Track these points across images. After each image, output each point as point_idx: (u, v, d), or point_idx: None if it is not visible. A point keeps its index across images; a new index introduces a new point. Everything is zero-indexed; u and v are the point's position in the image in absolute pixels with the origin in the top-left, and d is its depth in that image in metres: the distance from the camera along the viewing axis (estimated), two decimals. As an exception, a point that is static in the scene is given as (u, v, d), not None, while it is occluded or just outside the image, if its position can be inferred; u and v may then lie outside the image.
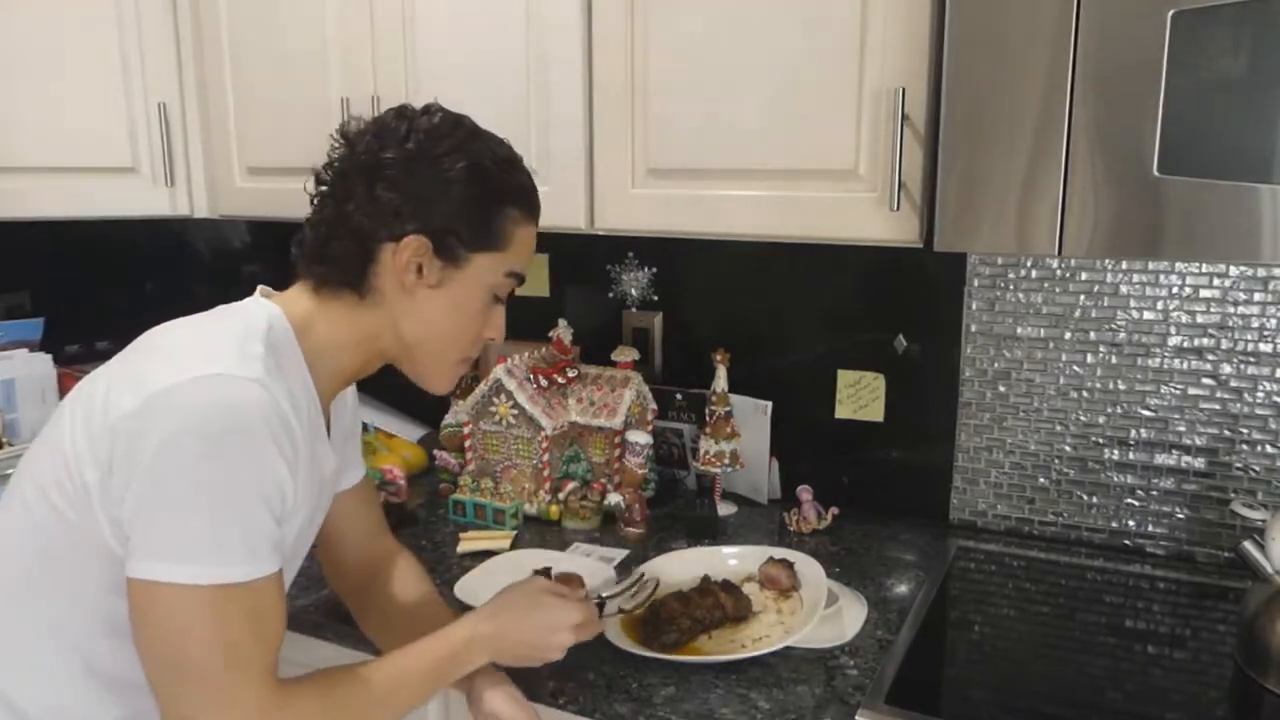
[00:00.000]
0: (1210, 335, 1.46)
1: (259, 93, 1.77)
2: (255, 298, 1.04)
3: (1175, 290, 1.48)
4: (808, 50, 1.30)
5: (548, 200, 1.14)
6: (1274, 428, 1.45)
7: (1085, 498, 1.58)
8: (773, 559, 1.39)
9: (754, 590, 1.37)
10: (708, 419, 1.71)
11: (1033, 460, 1.61)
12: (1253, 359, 1.45)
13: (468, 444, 1.79)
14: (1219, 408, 1.48)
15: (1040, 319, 1.57)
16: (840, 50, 1.28)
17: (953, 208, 1.17)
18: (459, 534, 1.63)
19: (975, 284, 1.60)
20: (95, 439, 0.90)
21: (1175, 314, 1.48)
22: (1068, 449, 1.58)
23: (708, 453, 1.70)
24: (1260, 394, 1.45)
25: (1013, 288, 1.58)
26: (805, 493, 1.68)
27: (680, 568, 1.43)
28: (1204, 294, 1.46)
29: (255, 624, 0.88)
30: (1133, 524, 1.56)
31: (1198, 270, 1.45)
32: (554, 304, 1.96)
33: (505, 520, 1.67)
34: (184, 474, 0.85)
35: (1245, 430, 1.47)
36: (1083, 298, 1.53)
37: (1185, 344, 1.48)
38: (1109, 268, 1.51)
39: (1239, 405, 1.46)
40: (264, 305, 1.01)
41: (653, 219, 1.46)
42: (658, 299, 1.88)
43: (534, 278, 1.89)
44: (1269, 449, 1.46)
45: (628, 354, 1.78)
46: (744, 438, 1.72)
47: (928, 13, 1.22)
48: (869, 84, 1.28)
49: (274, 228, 2.05)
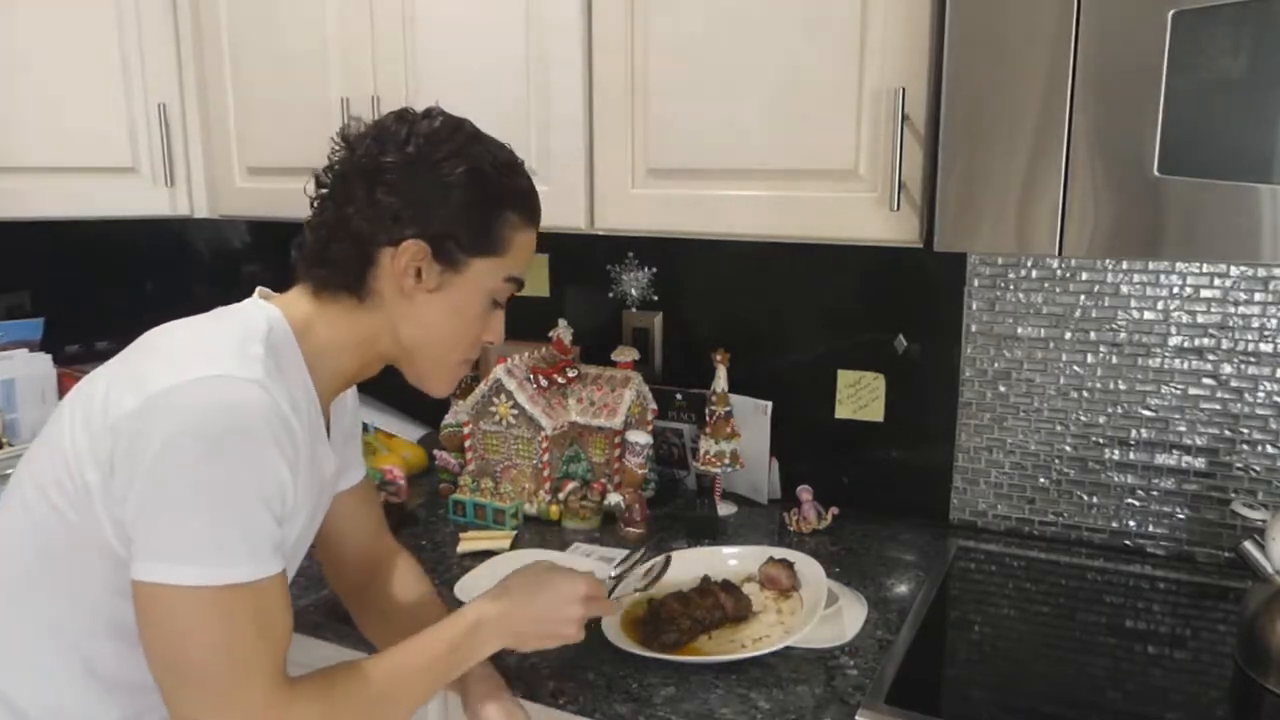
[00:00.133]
0: (1211, 335, 1.46)
1: (259, 93, 1.77)
2: (254, 299, 1.04)
3: (1176, 290, 1.48)
4: (808, 50, 1.30)
5: (548, 200, 1.14)
6: (1274, 428, 1.45)
7: (1085, 498, 1.58)
8: (773, 559, 1.39)
9: (754, 590, 1.37)
10: (708, 419, 1.71)
11: (1033, 460, 1.61)
12: (1253, 359, 1.45)
13: (468, 444, 1.79)
14: (1219, 408, 1.48)
15: (1040, 319, 1.57)
16: (840, 50, 1.28)
17: (953, 208, 1.16)
18: (459, 534, 1.63)
19: (975, 284, 1.60)
20: (96, 439, 0.90)
21: (1176, 314, 1.48)
22: (1068, 449, 1.58)
23: (708, 453, 1.70)
24: (1261, 394, 1.45)
25: (1013, 288, 1.57)
26: (805, 493, 1.68)
27: (680, 568, 1.43)
28: (1204, 294, 1.46)
29: (258, 624, 0.88)
30: (1133, 524, 1.56)
31: (1198, 270, 1.45)
32: (554, 304, 1.95)
33: (505, 520, 1.67)
34: (185, 475, 0.85)
35: (1246, 430, 1.46)
36: (1083, 298, 1.53)
37: (1186, 344, 1.48)
38: (1109, 268, 1.51)
39: (1239, 405, 1.46)
40: (263, 307, 1.01)
41: (653, 219, 1.46)
42: (658, 299, 1.88)
43: (534, 278, 1.89)
44: (1269, 449, 1.46)
45: (628, 354, 1.78)
46: (744, 438, 1.72)
47: (928, 13, 1.22)
48: (869, 84, 1.28)
49: (274, 228, 2.05)
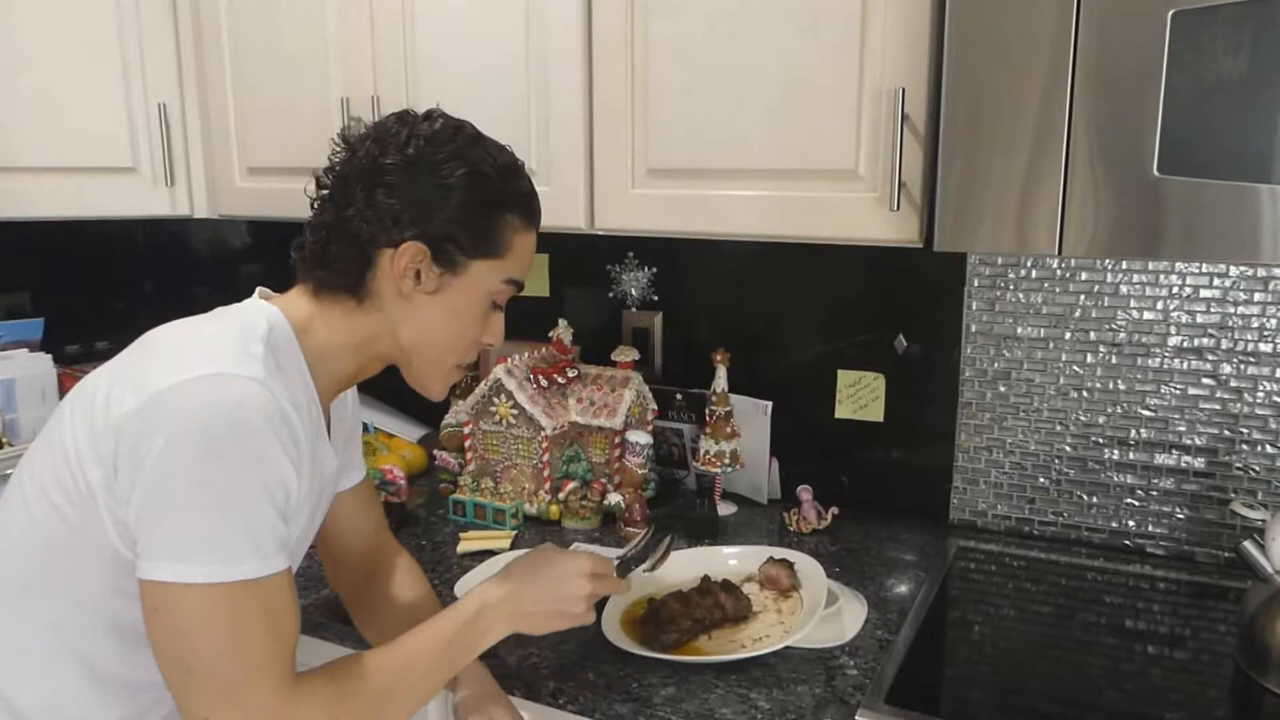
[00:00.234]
0: (1210, 335, 1.46)
1: (259, 93, 1.77)
2: (254, 299, 1.04)
3: (1175, 290, 1.48)
4: (807, 50, 1.30)
5: (548, 200, 1.14)
6: (1274, 427, 1.45)
7: (1085, 498, 1.58)
8: (773, 559, 1.39)
9: (754, 590, 1.37)
10: (708, 419, 1.72)
11: (1033, 460, 1.61)
12: (1253, 359, 1.45)
13: (468, 444, 1.79)
14: (1219, 408, 1.48)
15: (1040, 319, 1.57)
16: (840, 50, 1.28)
17: (953, 208, 1.17)
18: (459, 534, 1.63)
19: (975, 284, 1.60)
20: (98, 438, 0.90)
21: (1175, 314, 1.48)
22: (1068, 449, 1.58)
23: (708, 453, 1.70)
24: (1260, 394, 1.45)
25: (1013, 288, 1.58)
26: (805, 493, 1.68)
27: (680, 568, 1.43)
28: (1204, 294, 1.46)
29: (266, 621, 0.88)
30: (1133, 524, 1.56)
31: (1198, 270, 1.45)
32: (554, 304, 1.95)
33: (505, 520, 1.67)
34: (188, 473, 0.85)
35: (1245, 430, 1.47)
36: (1083, 298, 1.53)
37: (1185, 344, 1.48)
38: (1109, 268, 1.51)
39: (1239, 405, 1.46)
40: (264, 307, 1.01)
41: (653, 219, 1.46)
42: (658, 299, 1.88)
43: (534, 278, 1.89)
44: (1269, 449, 1.46)
45: (628, 354, 1.78)
46: (744, 438, 1.72)
47: (928, 13, 1.22)
48: (869, 84, 1.28)
49: (274, 228, 2.04)
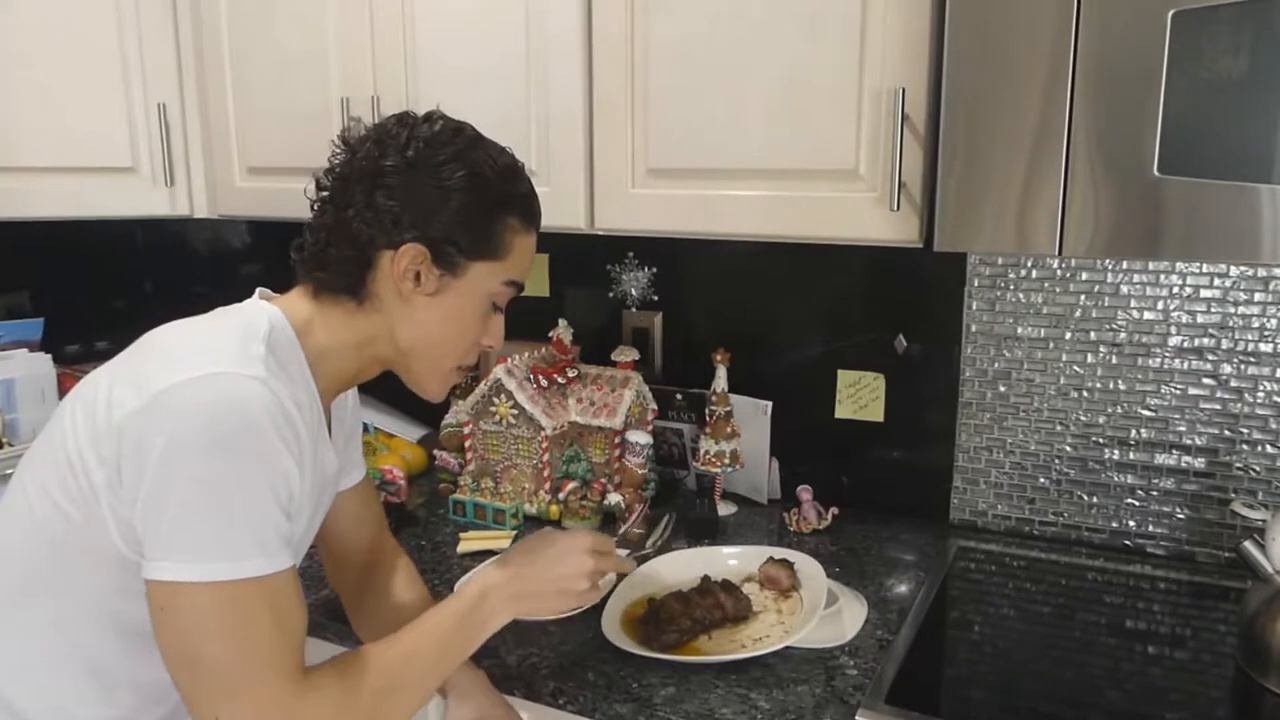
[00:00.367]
0: (1211, 335, 1.46)
1: (259, 93, 1.77)
2: (255, 300, 1.04)
3: (1176, 290, 1.48)
4: (807, 50, 1.30)
5: (548, 200, 1.14)
6: (1274, 428, 1.45)
7: (1085, 498, 1.58)
8: (773, 559, 1.40)
9: (754, 590, 1.37)
10: (708, 419, 1.72)
11: (1033, 460, 1.61)
12: (1253, 359, 1.45)
13: (468, 444, 1.79)
14: (1219, 408, 1.48)
15: (1040, 319, 1.57)
16: (840, 50, 1.28)
17: (953, 208, 1.16)
18: (459, 534, 1.63)
19: (975, 284, 1.60)
20: (100, 438, 0.89)
21: (1175, 314, 1.48)
22: (1068, 449, 1.58)
23: (708, 453, 1.70)
24: (1260, 394, 1.45)
25: (1013, 288, 1.57)
26: (805, 493, 1.68)
27: (680, 568, 1.43)
28: (1204, 294, 1.46)
29: (272, 618, 0.88)
30: (1133, 524, 1.56)
31: (1198, 270, 1.45)
32: (554, 304, 1.95)
33: (505, 520, 1.67)
34: (191, 472, 0.85)
35: (1245, 430, 1.46)
36: (1083, 298, 1.53)
37: (1185, 344, 1.48)
38: (1109, 268, 1.51)
39: (1239, 405, 1.46)
40: (264, 307, 1.01)
41: (653, 219, 1.46)
42: (658, 299, 1.88)
43: (534, 278, 1.89)
44: (1269, 449, 1.46)
45: (628, 354, 1.78)
46: (744, 438, 1.72)
47: (928, 13, 1.22)
48: (869, 84, 1.27)
49: (274, 228, 2.03)
